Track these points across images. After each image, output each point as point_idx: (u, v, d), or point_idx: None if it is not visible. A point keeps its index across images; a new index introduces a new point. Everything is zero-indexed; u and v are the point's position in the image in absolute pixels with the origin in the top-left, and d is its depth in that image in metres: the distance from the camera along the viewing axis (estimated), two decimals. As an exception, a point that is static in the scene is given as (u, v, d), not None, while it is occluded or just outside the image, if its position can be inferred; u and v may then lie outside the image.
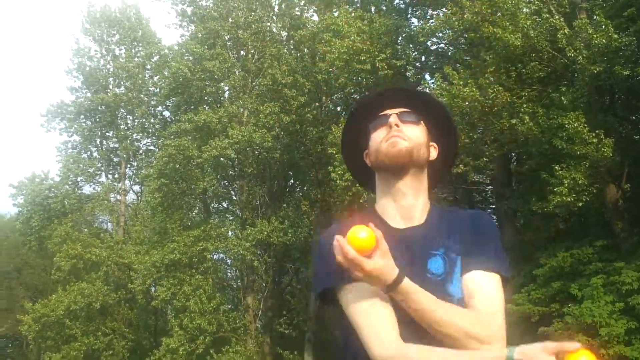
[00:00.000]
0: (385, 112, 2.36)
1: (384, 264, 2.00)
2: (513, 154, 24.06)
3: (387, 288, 2.03)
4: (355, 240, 2.02)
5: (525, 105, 19.19)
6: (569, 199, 17.82)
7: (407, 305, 2.04)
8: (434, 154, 2.40)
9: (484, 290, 2.14)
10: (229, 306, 29.48)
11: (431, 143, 2.39)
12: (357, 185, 21.85)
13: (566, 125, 17.81)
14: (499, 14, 19.46)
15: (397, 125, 2.28)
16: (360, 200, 22.71)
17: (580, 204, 18.03)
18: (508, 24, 18.96)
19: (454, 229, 2.27)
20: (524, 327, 19.82)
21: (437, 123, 2.43)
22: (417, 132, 2.32)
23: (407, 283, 2.02)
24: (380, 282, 2.03)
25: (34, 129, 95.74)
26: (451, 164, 2.56)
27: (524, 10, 19.31)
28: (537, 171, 19.94)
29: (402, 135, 2.27)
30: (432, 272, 2.18)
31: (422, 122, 2.36)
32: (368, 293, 2.12)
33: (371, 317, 2.10)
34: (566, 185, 17.80)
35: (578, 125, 17.65)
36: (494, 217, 26.36)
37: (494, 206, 26.01)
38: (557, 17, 18.66)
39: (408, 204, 2.29)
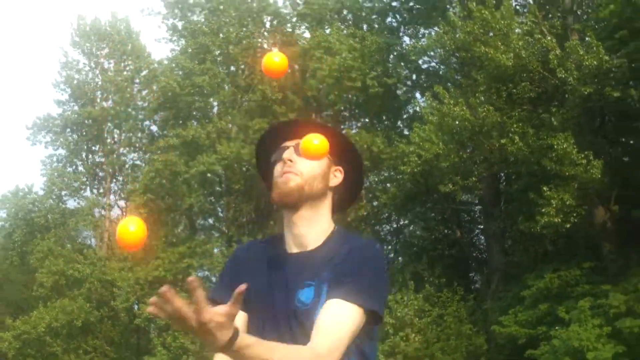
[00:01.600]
0: (285, 144, 2.38)
1: (223, 323, 1.74)
2: (502, 174, 24.04)
3: (221, 349, 1.80)
4: (125, 232, 1.83)
5: (515, 125, 19.17)
6: (556, 220, 17.80)
7: (244, 358, 1.89)
8: (338, 179, 2.41)
9: (329, 319, 2.10)
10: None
11: (336, 168, 2.41)
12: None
13: (555, 146, 17.81)
14: (491, 34, 19.50)
15: (290, 160, 2.31)
16: (348, 219, 22.58)
17: (568, 225, 18.01)
18: (500, 44, 18.98)
19: (337, 258, 2.25)
20: (511, 350, 19.66)
21: (341, 149, 2.42)
22: (312, 164, 2.32)
23: (241, 340, 1.82)
24: (212, 338, 1.76)
25: (18, 142, 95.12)
26: (358, 186, 2.55)
27: (516, 30, 19.39)
28: (526, 191, 19.88)
29: (294, 170, 2.30)
30: (301, 302, 2.20)
31: None
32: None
33: None
34: (554, 206, 17.78)
35: (567, 146, 17.65)
36: (482, 237, 26.36)
37: (482, 226, 25.92)
38: (549, 38, 18.71)
39: (299, 232, 2.32)
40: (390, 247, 29.46)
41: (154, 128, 34.17)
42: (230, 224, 28.91)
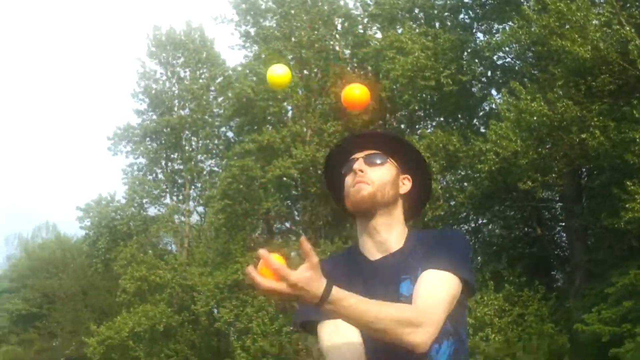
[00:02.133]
0: (355, 156, 2.47)
1: (310, 277, 1.95)
2: (583, 170, 23.44)
3: (319, 301, 1.99)
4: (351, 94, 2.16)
5: (595, 119, 18.71)
6: (642, 215, 17.25)
7: (342, 313, 2.05)
8: (407, 186, 2.52)
9: (426, 284, 2.24)
10: (292, 328, 29.21)
11: (404, 176, 2.52)
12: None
13: (638, 139, 17.32)
14: (567, 26, 19.07)
15: (361, 170, 2.40)
16: (425, 219, 22.38)
17: (654, 220, 17.43)
18: (577, 36, 18.55)
19: (423, 250, 2.38)
20: (594, 348, 19.16)
21: (407, 157, 2.53)
22: (382, 172, 2.44)
23: (337, 292, 2.00)
24: (308, 294, 1.97)
25: (100, 152, 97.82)
26: (427, 193, 2.63)
27: (594, 22, 18.88)
28: (609, 187, 19.40)
29: (365, 180, 2.39)
30: (404, 296, 2.29)
31: (389, 160, 2.48)
32: (340, 331, 2.27)
33: (340, 354, 2.27)
34: (639, 201, 17.23)
35: (650, 139, 17.12)
36: (563, 234, 25.76)
37: (563, 223, 25.35)
38: (627, 28, 18.18)
39: (382, 239, 2.42)
40: (468, 247, 29.16)
41: (230, 134, 34.65)
42: (307, 228, 28.99)
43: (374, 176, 2.41)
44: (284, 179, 28.19)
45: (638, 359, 16.78)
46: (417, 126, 27.03)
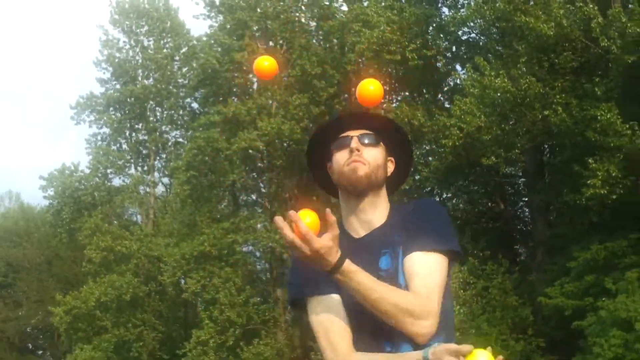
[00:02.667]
0: (347, 133, 2.47)
1: (331, 246, 2.11)
2: (546, 146, 23.77)
3: (331, 269, 2.15)
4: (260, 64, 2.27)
5: (558, 96, 18.98)
6: (602, 192, 17.61)
7: (349, 286, 2.19)
8: (391, 168, 2.55)
9: (420, 270, 2.28)
10: (259, 299, 29.40)
11: (389, 158, 2.54)
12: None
13: (599, 117, 17.59)
14: (531, 2, 19.29)
15: (358, 149, 2.41)
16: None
17: (614, 197, 17.78)
18: (541, 13, 18.75)
19: (400, 223, 2.42)
20: (557, 321, 19.64)
21: (394, 139, 2.57)
22: (376, 154, 2.46)
23: (348, 265, 2.16)
24: (324, 262, 2.13)
25: (63, 121, 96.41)
26: (407, 174, 2.70)
27: (557, -1, 18.99)
28: (570, 163, 19.70)
29: (362, 160, 2.41)
30: (383, 270, 2.34)
31: (380, 142, 2.50)
32: (327, 306, 2.37)
33: (327, 328, 2.33)
34: (600, 177, 17.58)
35: (611, 117, 17.42)
36: (526, 209, 26.14)
37: (526, 198, 25.74)
38: (590, 5, 18.34)
39: (368, 218, 2.46)
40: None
41: (195, 105, 34.40)
42: (272, 200, 29.06)
43: (369, 156, 2.43)
44: (250, 151, 28.13)
45: (600, 332, 17.22)
46: (382, 100, 27.09)
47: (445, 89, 26.01)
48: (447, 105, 23.84)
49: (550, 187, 22.66)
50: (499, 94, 19.63)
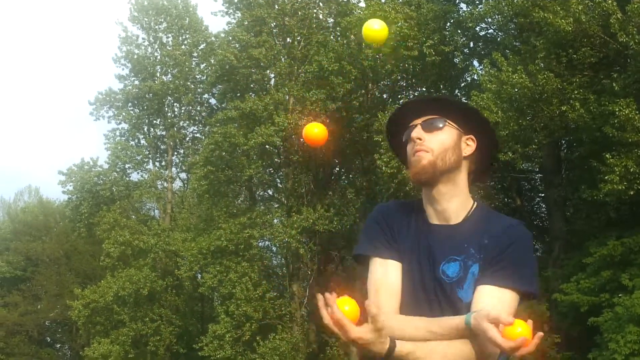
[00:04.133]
0: (413, 122, 2.42)
1: (373, 339, 2.03)
2: (563, 141, 23.68)
3: (385, 357, 2.07)
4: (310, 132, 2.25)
5: (576, 92, 18.91)
6: (620, 187, 17.52)
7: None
8: (471, 147, 2.44)
9: (487, 303, 2.18)
10: (275, 293, 29.48)
11: (468, 136, 2.43)
12: (403, 172, 21.81)
13: (617, 112, 17.49)
14: (549, -2, 19.12)
15: (419, 138, 2.36)
16: (407, 188, 22.57)
17: (632, 192, 17.69)
18: (559, 8, 18.64)
19: (484, 236, 2.32)
20: (573, 317, 19.58)
21: (467, 117, 2.45)
22: (442, 138, 2.38)
23: (400, 348, 2.07)
24: (370, 351, 2.06)
25: (83, 117, 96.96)
26: (493, 149, 2.55)
27: (576, -6, 18.91)
28: (588, 159, 19.65)
29: (424, 147, 2.35)
30: (447, 275, 2.30)
31: (447, 123, 2.41)
32: (386, 269, 2.37)
33: (378, 287, 2.34)
34: (617, 173, 17.49)
35: (630, 112, 17.33)
36: (542, 205, 26.05)
37: (542, 194, 25.67)
38: (609, 1, 18.23)
39: (442, 208, 2.38)
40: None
41: (213, 101, 34.68)
42: (289, 195, 29.15)
43: (434, 142, 2.36)
44: (267, 146, 28.24)
45: (616, 328, 17.16)
46: (399, 96, 27.06)
47: (463, 84, 25.97)
48: (464, 101, 23.77)
49: (568, 183, 22.63)
50: (516, 90, 19.54)
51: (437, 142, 2.36)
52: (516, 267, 2.27)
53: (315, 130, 2.61)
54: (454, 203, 2.37)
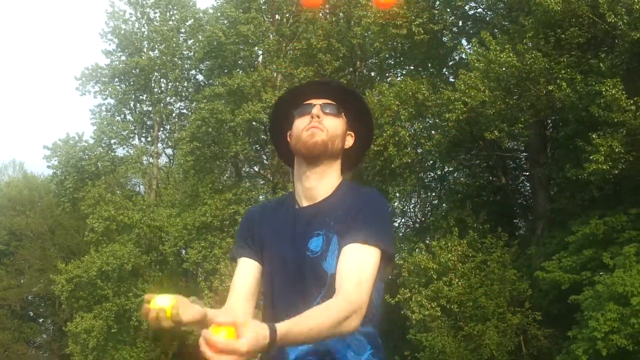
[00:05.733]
0: (310, 101, 2.51)
1: (254, 334, 1.88)
2: (549, 121, 23.81)
3: (269, 347, 1.93)
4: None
5: (563, 71, 18.98)
6: (604, 167, 17.61)
7: (292, 343, 2.08)
8: (349, 141, 2.56)
9: (352, 264, 2.24)
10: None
11: (348, 132, 2.55)
12: (389, 150, 21.86)
13: (604, 92, 17.56)
14: (539, -23, 19.12)
15: (318, 116, 2.44)
16: (392, 166, 22.66)
17: (616, 172, 17.83)
18: (548, -13, 18.65)
19: (342, 208, 2.40)
20: (554, 295, 19.76)
21: (356, 114, 2.58)
22: (336, 123, 2.48)
23: (280, 332, 1.95)
24: (261, 348, 1.94)
25: (68, 92, 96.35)
26: (365, 150, 2.70)
27: (565, -26, 18.96)
28: (573, 138, 19.75)
29: (321, 126, 2.43)
30: (311, 250, 2.36)
31: (342, 114, 2.52)
32: (241, 268, 2.51)
33: (230, 290, 2.50)
34: (602, 153, 17.58)
35: (616, 92, 17.40)
36: (527, 184, 26.22)
37: (527, 173, 25.81)
38: (598, -19, 18.31)
39: (310, 186, 2.46)
40: (434, 193, 29.53)
41: (200, 77, 34.53)
42: (275, 172, 29.20)
43: (329, 125, 2.45)
44: (254, 123, 28.23)
45: (596, 306, 17.33)
46: (387, 74, 27.09)
47: (451, 63, 25.99)
48: (451, 80, 23.81)
49: (553, 162, 22.73)
50: (504, 69, 19.60)
51: (332, 125, 2.47)
52: (373, 225, 2.33)
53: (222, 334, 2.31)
54: (324, 183, 2.46)
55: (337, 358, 2.30)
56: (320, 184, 2.46)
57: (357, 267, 2.24)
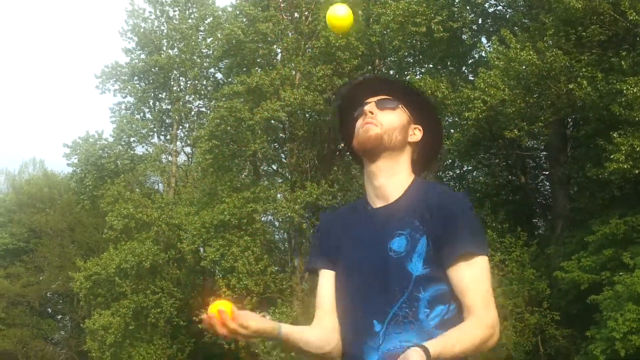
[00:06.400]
0: (368, 100, 2.50)
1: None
2: (569, 119, 23.62)
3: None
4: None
5: (584, 70, 18.85)
6: (625, 166, 17.49)
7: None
8: (417, 136, 2.51)
9: (471, 283, 2.25)
10: (276, 268, 29.56)
11: (415, 126, 2.52)
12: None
13: (625, 91, 17.44)
14: (560, -25, 18.99)
15: (371, 112, 2.44)
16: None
17: (637, 171, 17.67)
18: (569, -15, 18.52)
19: (425, 207, 2.35)
20: (573, 295, 19.61)
21: (419, 107, 2.56)
22: (392, 117, 2.46)
23: (435, 351, 2.01)
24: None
25: (88, 90, 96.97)
26: (438, 145, 2.65)
27: (586, -29, 18.80)
28: (594, 137, 19.61)
29: (374, 121, 2.43)
30: (394, 251, 2.31)
31: (400, 107, 2.50)
32: (329, 281, 2.48)
33: (319, 302, 2.46)
34: (623, 152, 17.45)
35: (637, 91, 17.28)
36: (547, 183, 26.03)
37: (547, 172, 25.64)
38: (620, -22, 18.15)
39: (379, 183, 2.43)
40: (453, 192, 29.34)
41: (219, 75, 34.51)
42: (293, 170, 29.14)
43: (384, 119, 2.44)
44: (272, 121, 28.20)
45: (615, 306, 17.19)
46: (406, 72, 26.96)
47: (470, 61, 25.86)
48: (471, 78, 23.69)
49: (572, 161, 22.60)
50: (524, 67, 19.51)
51: (387, 119, 2.45)
52: (474, 233, 2.33)
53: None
54: (393, 180, 2.43)
55: None
56: (389, 181, 2.43)
57: (481, 283, 2.26)
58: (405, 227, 2.33)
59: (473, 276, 2.25)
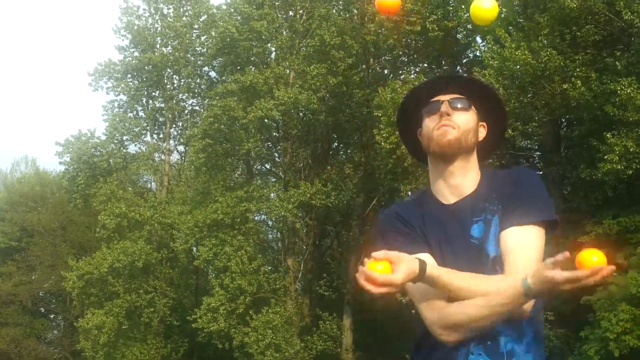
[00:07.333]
0: (438, 97, 2.48)
1: (407, 268, 2.13)
2: (563, 119, 23.63)
3: (416, 280, 2.19)
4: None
5: (578, 70, 18.84)
6: (619, 167, 17.48)
7: (441, 288, 2.24)
8: (482, 133, 2.53)
9: (515, 246, 2.28)
10: (270, 267, 29.53)
11: (481, 123, 2.53)
12: (402, 148, 21.71)
13: (619, 91, 17.43)
14: (554, -26, 18.97)
15: (448, 114, 2.42)
16: (405, 164, 22.51)
17: (630, 172, 17.66)
18: (564, -15, 18.50)
19: (493, 191, 2.42)
20: (567, 295, 19.54)
21: (487, 104, 2.54)
22: (467, 118, 2.46)
23: (432, 271, 2.20)
24: (412, 280, 2.18)
25: (81, 88, 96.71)
26: (500, 140, 2.68)
27: (582, -29, 18.79)
28: (588, 137, 19.59)
29: (452, 124, 2.41)
30: (474, 237, 2.37)
31: (472, 107, 2.49)
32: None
33: (421, 289, 2.32)
34: (617, 152, 17.44)
35: (631, 92, 17.27)
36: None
37: (541, 172, 25.60)
38: (614, -22, 18.13)
39: (457, 183, 2.46)
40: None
41: (213, 74, 34.47)
42: (286, 169, 29.11)
43: (460, 121, 2.43)
44: (266, 120, 28.17)
45: (609, 307, 17.18)
46: (400, 71, 26.96)
47: (465, 60, 25.85)
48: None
49: (566, 161, 22.58)
50: (518, 67, 19.46)
51: (462, 121, 2.44)
52: (529, 200, 2.36)
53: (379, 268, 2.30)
54: (467, 178, 2.46)
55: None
56: (465, 179, 2.46)
57: (521, 250, 2.27)
58: (480, 214, 2.39)
59: (519, 241, 2.29)
